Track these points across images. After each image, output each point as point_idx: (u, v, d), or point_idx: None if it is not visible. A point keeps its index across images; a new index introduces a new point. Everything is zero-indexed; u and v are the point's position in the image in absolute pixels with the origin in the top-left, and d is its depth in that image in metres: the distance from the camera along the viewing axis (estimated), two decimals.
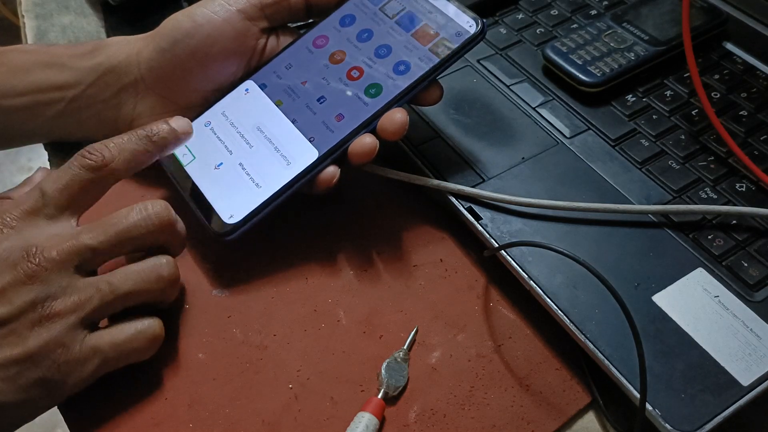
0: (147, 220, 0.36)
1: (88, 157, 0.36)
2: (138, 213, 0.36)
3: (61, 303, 0.33)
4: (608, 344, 0.36)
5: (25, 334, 0.32)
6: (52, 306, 0.33)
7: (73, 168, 0.36)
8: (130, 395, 0.36)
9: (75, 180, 0.36)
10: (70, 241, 0.34)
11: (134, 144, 0.38)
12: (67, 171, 0.36)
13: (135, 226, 0.35)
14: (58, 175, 0.36)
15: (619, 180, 0.43)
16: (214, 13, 0.41)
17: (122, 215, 0.36)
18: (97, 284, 0.34)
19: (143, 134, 0.39)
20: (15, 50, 0.43)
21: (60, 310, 0.33)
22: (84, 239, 0.34)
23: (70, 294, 0.33)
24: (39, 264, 0.33)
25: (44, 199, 0.35)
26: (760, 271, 0.39)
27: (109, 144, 0.37)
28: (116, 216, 0.36)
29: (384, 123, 0.40)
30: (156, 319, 0.36)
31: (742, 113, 0.47)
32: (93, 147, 0.37)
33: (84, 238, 0.34)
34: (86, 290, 0.34)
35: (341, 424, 0.35)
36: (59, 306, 0.33)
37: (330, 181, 0.40)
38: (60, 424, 0.35)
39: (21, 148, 0.46)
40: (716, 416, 0.33)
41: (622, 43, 0.49)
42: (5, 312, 0.32)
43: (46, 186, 0.36)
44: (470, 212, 0.42)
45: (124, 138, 0.38)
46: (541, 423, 0.36)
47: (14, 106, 0.42)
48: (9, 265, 0.33)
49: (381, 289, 0.41)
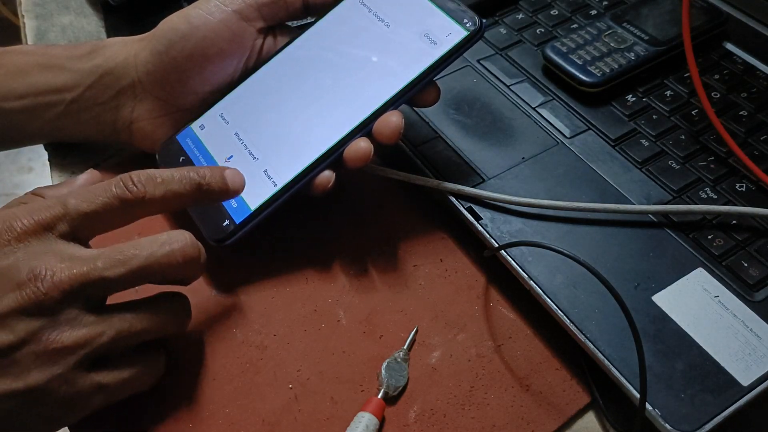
0: (170, 256, 0.33)
1: (131, 190, 0.33)
2: (162, 248, 0.33)
3: (68, 336, 0.30)
4: (608, 344, 0.36)
5: (28, 367, 0.30)
6: (58, 339, 0.30)
7: (109, 195, 0.33)
8: (130, 395, 0.36)
9: (106, 208, 0.33)
10: (84, 269, 0.31)
11: (182, 187, 0.35)
12: (101, 194, 0.33)
13: (157, 262, 0.32)
14: (90, 196, 0.33)
15: (619, 180, 0.43)
16: (210, 15, 0.41)
17: (144, 247, 0.32)
18: (109, 320, 0.32)
19: (196, 180, 0.35)
20: (13, 52, 0.43)
21: (67, 345, 0.30)
22: (100, 269, 0.31)
23: (78, 327, 0.31)
24: (48, 291, 0.30)
25: (65, 217, 0.32)
26: (760, 271, 0.39)
27: (157, 179, 0.34)
28: (137, 247, 0.32)
29: (379, 126, 0.39)
30: (161, 352, 0.35)
31: (742, 113, 0.47)
32: (140, 178, 0.34)
33: (100, 268, 0.31)
34: (97, 325, 0.31)
35: (341, 424, 0.36)
36: (66, 340, 0.30)
37: (326, 186, 0.40)
38: None
39: (21, 149, 0.45)
40: (716, 416, 0.33)
41: (622, 43, 0.49)
42: (6, 341, 0.30)
43: (73, 203, 0.32)
44: (470, 212, 0.42)
45: (174, 176, 0.35)
46: (541, 423, 0.36)
47: (14, 108, 0.41)
48: (13, 287, 0.30)
49: (381, 289, 0.41)
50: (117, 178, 0.34)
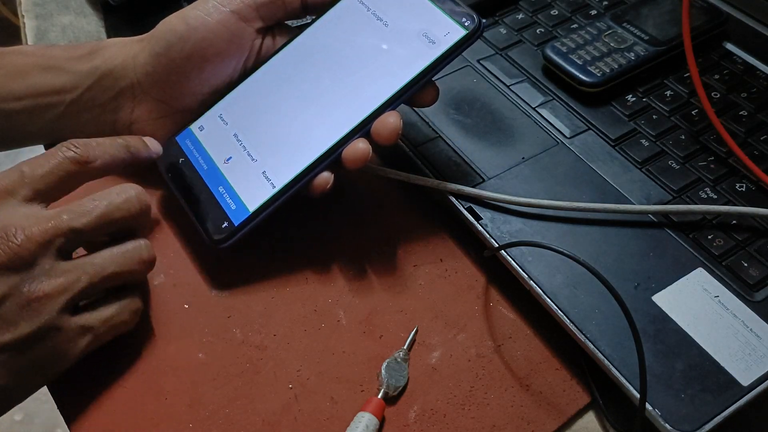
0: (128, 202, 0.36)
1: (74, 150, 0.36)
2: (119, 196, 0.36)
3: (48, 285, 0.33)
4: (608, 344, 0.36)
5: (14, 319, 0.32)
6: (39, 288, 0.32)
7: (58, 157, 0.36)
8: (130, 395, 0.36)
9: (58, 168, 0.35)
10: (53, 222, 0.34)
11: (115, 149, 0.38)
12: (51, 158, 0.36)
13: (118, 209, 0.36)
14: (42, 160, 0.36)
15: (619, 180, 0.43)
16: (208, 15, 0.41)
17: (104, 197, 0.36)
18: (83, 266, 0.34)
19: (123, 143, 0.39)
20: (12, 52, 0.43)
21: (48, 293, 0.32)
22: (67, 220, 0.34)
23: (55, 276, 0.33)
24: (21, 245, 0.32)
25: (23, 180, 0.35)
26: (760, 271, 0.39)
27: (92, 143, 0.37)
28: (97, 198, 0.35)
29: (377, 127, 0.39)
30: (136, 292, 0.37)
31: (742, 113, 0.47)
32: (78, 141, 0.37)
33: (67, 219, 0.34)
34: (72, 272, 0.34)
35: (341, 424, 0.36)
36: (47, 288, 0.32)
37: (324, 187, 0.40)
38: (60, 424, 0.36)
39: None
40: (716, 416, 0.33)
41: (622, 43, 0.49)
42: None
43: (28, 168, 0.35)
44: (470, 212, 0.42)
45: (106, 141, 0.38)
46: (541, 423, 0.36)
47: (14, 109, 0.41)
48: None
49: (381, 289, 0.41)
50: (59, 144, 0.36)
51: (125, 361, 0.37)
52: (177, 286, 0.40)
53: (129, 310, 0.36)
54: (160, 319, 0.39)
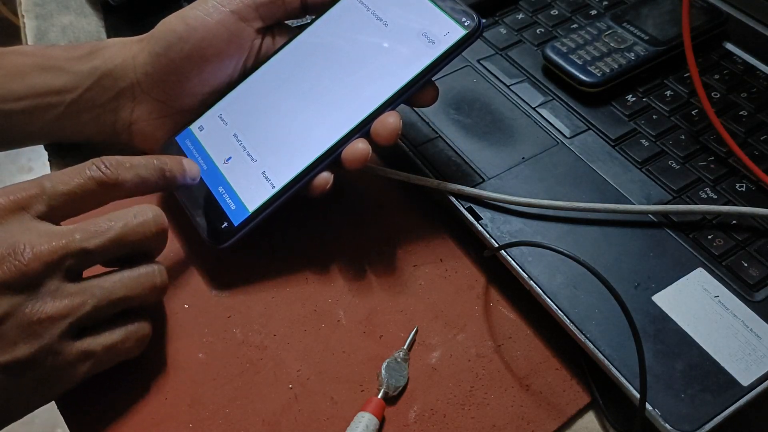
0: (145, 225, 0.35)
1: (104, 171, 0.35)
2: (136, 218, 0.34)
3: (51, 307, 0.31)
4: (608, 344, 0.36)
5: (13, 340, 0.31)
6: (42, 310, 0.31)
7: (84, 176, 0.34)
8: (130, 395, 0.36)
9: (82, 188, 0.34)
10: (64, 241, 0.32)
11: (148, 172, 0.37)
12: (76, 175, 0.34)
13: (134, 231, 0.34)
14: (66, 177, 0.34)
15: (619, 180, 0.43)
16: (207, 15, 0.41)
17: (118, 219, 0.34)
18: (90, 289, 0.33)
19: (159, 167, 0.37)
20: (12, 52, 0.43)
21: (51, 315, 0.31)
22: (78, 240, 0.33)
23: (60, 297, 0.32)
24: (28, 263, 0.31)
25: (42, 196, 0.33)
26: (760, 271, 0.39)
27: (126, 163, 0.36)
28: (113, 219, 0.34)
29: (377, 127, 0.39)
30: (144, 318, 0.36)
31: (742, 113, 0.47)
32: (110, 160, 0.35)
33: (79, 239, 0.33)
34: (79, 295, 0.32)
35: (341, 424, 0.36)
36: (50, 310, 0.31)
37: (324, 187, 0.39)
38: (60, 424, 0.35)
39: (21, 149, 0.46)
40: (716, 416, 0.33)
41: (622, 43, 0.49)
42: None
43: (50, 183, 0.34)
44: (470, 212, 0.42)
45: (141, 162, 0.37)
46: (541, 423, 0.36)
47: (14, 109, 0.41)
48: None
49: (381, 289, 0.41)
50: (89, 161, 0.35)
51: (125, 361, 0.37)
52: (177, 286, 0.40)
53: (135, 337, 0.35)
54: (160, 319, 0.39)
